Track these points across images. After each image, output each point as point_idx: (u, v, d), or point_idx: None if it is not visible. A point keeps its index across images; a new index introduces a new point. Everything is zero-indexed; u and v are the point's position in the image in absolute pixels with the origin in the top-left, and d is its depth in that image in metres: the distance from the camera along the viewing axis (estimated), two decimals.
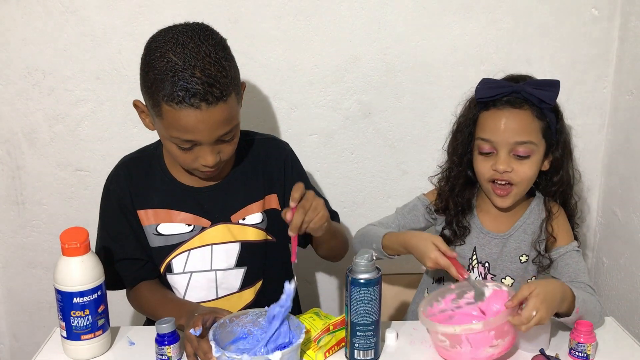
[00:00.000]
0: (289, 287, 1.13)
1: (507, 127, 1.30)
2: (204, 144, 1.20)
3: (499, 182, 1.33)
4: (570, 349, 1.19)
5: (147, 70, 1.17)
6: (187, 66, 1.12)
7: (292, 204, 1.18)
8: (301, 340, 1.10)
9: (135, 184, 1.34)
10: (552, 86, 1.31)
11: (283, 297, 1.13)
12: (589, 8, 1.68)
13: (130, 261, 1.35)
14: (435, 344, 1.19)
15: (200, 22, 1.22)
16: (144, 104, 1.24)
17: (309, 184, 1.48)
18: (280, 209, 1.41)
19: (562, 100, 1.37)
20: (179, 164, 1.28)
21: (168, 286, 1.38)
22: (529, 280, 1.41)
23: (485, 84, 1.35)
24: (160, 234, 1.34)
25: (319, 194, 1.47)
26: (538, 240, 1.38)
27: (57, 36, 1.63)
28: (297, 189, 1.19)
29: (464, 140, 1.39)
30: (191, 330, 1.11)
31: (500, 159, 1.31)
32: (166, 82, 1.13)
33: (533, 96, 1.29)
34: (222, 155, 1.24)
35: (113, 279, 1.27)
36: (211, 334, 1.10)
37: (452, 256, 1.24)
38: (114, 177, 1.37)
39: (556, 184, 1.38)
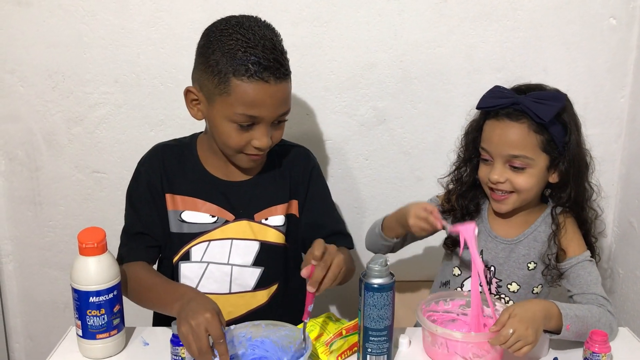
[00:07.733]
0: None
1: (501, 139, 1.31)
2: (265, 121, 1.25)
3: (496, 189, 1.35)
4: (585, 358, 1.18)
5: (213, 50, 1.22)
6: (257, 43, 1.21)
7: (313, 262, 1.09)
8: (309, 353, 1.09)
9: (167, 168, 1.37)
10: (554, 100, 1.27)
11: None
12: (606, 17, 1.67)
13: (144, 235, 1.34)
14: (423, 336, 1.25)
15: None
16: (198, 91, 1.27)
17: (329, 200, 1.48)
18: (298, 216, 1.42)
19: (578, 109, 1.35)
20: (229, 147, 1.29)
21: (171, 277, 1.36)
22: (534, 288, 1.40)
23: (491, 93, 1.35)
24: (183, 221, 1.36)
25: (337, 212, 1.49)
26: (547, 253, 1.37)
27: (78, 39, 1.66)
28: (319, 246, 1.11)
29: (469, 145, 1.41)
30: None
31: (495, 169, 1.32)
32: (237, 58, 1.20)
33: (530, 110, 1.27)
34: (273, 139, 1.29)
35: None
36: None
37: (433, 210, 1.29)
38: (146, 160, 1.40)
39: (563, 198, 1.37)
